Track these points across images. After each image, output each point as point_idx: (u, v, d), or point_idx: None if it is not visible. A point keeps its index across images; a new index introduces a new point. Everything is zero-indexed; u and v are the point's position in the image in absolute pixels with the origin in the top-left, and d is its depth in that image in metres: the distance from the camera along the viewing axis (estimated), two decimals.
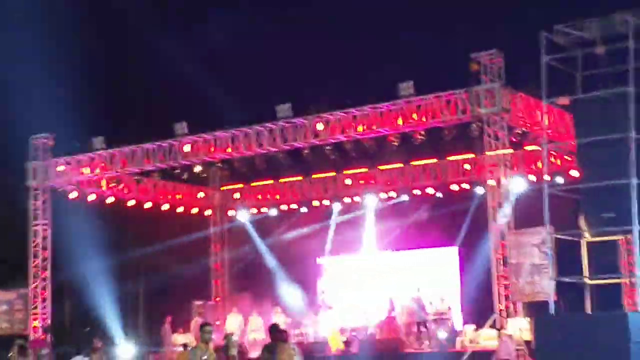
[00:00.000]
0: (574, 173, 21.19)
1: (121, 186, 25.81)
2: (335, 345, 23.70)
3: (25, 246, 25.01)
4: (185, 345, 21.78)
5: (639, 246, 18.14)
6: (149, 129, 24.57)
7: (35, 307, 24.56)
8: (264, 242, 29.14)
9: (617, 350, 15.41)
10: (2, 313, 24.88)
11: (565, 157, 22.55)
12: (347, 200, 27.57)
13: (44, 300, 24.74)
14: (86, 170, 24.63)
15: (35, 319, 24.29)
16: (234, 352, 11.83)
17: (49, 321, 24.47)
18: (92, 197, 25.48)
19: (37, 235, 24.95)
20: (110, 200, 25.91)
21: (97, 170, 24.56)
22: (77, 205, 25.54)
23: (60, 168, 24.76)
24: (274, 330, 12.46)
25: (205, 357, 11.02)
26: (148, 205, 26.95)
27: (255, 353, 20.57)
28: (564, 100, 19.27)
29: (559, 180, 22.39)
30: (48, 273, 24.90)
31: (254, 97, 27.75)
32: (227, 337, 12.00)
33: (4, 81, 29.51)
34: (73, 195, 25.10)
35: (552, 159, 22.73)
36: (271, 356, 11.84)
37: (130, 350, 24.04)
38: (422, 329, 23.15)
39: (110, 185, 25.47)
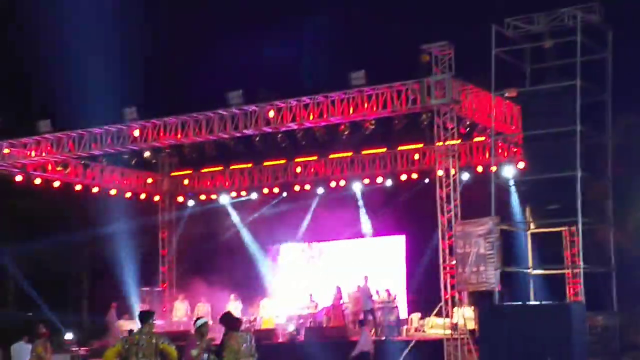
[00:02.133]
0: (521, 165, 21.53)
1: (68, 170, 25.44)
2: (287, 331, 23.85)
3: None
4: (130, 332, 21.57)
5: (581, 238, 18.59)
6: (98, 113, 24.27)
7: None
8: (215, 228, 29.07)
9: (560, 340, 15.76)
10: None
11: (513, 149, 22.88)
12: (297, 188, 27.61)
13: None
14: (32, 154, 24.22)
15: None
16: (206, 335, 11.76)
17: None
18: (37, 181, 25.08)
19: None
20: (56, 184, 25.51)
21: (44, 154, 24.16)
22: (22, 188, 25.14)
23: (6, 151, 24.31)
24: (225, 318, 12.43)
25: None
26: (95, 190, 26.62)
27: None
28: (512, 93, 19.60)
29: (506, 171, 22.75)
30: None
31: (206, 83, 27.58)
32: (198, 321, 11.89)
33: None
34: (18, 178, 24.68)
35: (500, 151, 23.05)
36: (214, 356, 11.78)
37: (74, 336, 23.78)
38: (369, 317, 23.33)
39: (57, 169, 25.08)
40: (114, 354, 11.06)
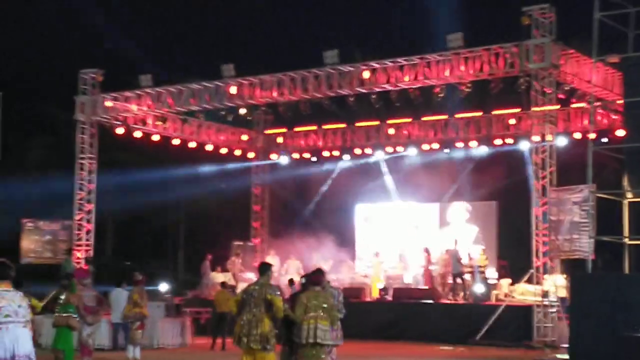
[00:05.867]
0: (620, 132, 20.97)
1: (167, 125, 26.06)
2: (375, 291, 24.05)
3: (72, 179, 25.49)
4: (223, 284, 22.22)
5: None
6: (196, 69, 24.76)
7: (79, 239, 25.14)
8: (305, 187, 29.38)
9: None
10: (45, 243, 25.52)
11: (612, 116, 22.28)
12: (389, 149, 27.60)
13: (87, 232, 25.30)
14: (133, 107, 24.89)
15: (78, 251, 24.88)
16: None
17: (91, 253, 25.05)
18: (138, 134, 25.79)
19: (84, 169, 25.39)
20: (155, 138, 26.20)
21: (145, 108, 24.82)
22: (123, 141, 25.91)
23: (108, 104, 25.03)
24: (308, 274, 12.73)
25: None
26: (192, 145, 27.22)
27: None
28: (614, 59, 19.02)
29: (605, 139, 22.18)
30: (92, 206, 25.38)
31: (302, 43, 27.75)
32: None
33: (54, 16, 29.90)
34: (119, 131, 25.43)
35: (599, 118, 22.49)
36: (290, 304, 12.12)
37: (169, 286, 24.58)
38: (458, 280, 23.32)
39: (156, 123, 25.74)
40: (235, 303, 11.69)
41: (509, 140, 25.41)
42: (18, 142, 29.67)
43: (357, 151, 28.05)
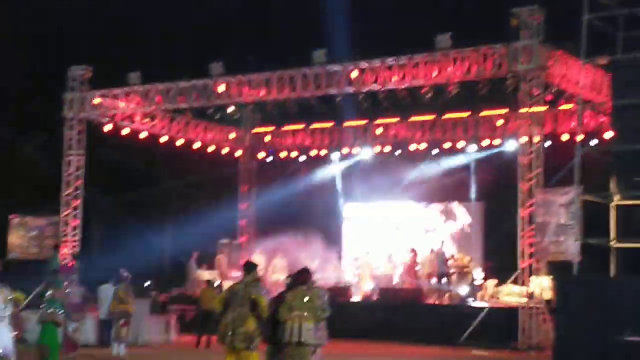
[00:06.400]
0: (608, 135, 21.03)
1: (155, 122, 26.01)
2: (362, 291, 24.05)
3: (59, 175, 25.44)
4: (209, 282, 22.20)
5: None
6: (185, 67, 24.69)
7: (65, 235, 25.06)
8: (292, 186, 29.34)
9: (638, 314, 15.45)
10: (32, 238, 25.42)
11: (600, 118, 22.35)
12: (377, 149, 27.60)
13: (74, 228, 25.23)
14: (121, 104, 24.84)
15: (65, 247, 24.80)
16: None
17: (77, 249, 24.97)
18: (126, 131, 25.72)
19: (71, 165, 25.33)
20: (143, 135, 26.15)
21: (132, 105, 24.76)
22: (111, 138, 25.84)
23: (97, 100, 24.98)
24: (294, 273, 12.71)
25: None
26: (180, 142, 27.16)
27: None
28: (603, 60, 19.07)
29: (592, 141, 22.24)
30: (79, 202, 25.33)
31: (290, 42, 27.67)
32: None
33: (44, 12, 29.75)
34: (107, 128, 25.37)
35: (587, 120, 22.55)
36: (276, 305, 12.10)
37: (154, 283, 24.51)
38: (443, 281, 23.34)
39: (144, 121, 25.69)
40: (220, 301, 11.67)
41: (497, 141, 25.47)
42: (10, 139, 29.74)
43: (345, 150, 28.07)
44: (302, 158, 28.94)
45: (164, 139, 26.75)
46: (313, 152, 28.72)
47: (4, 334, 8.22)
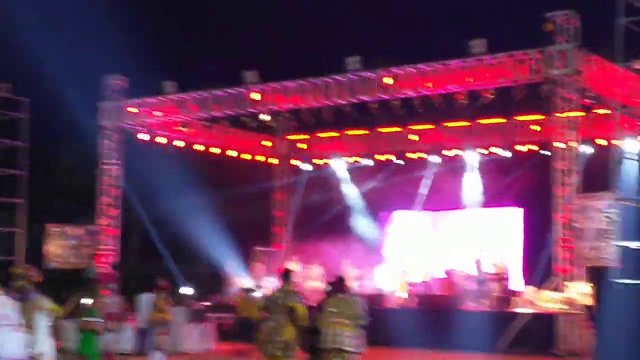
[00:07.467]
0: None
1: (190, 131, 26.20)
2: (400, 299, 23.97)
3: (96, 185, 25.70)
4: (246, 290, 22.26)
5: None
6: (219, 76, 24.88)
7: (104, 244, 25.32)
8: (330, 193, 29.34)
9: None
10: (70, 248, 25.71)
11: (638, 122, 22.07)
12: (411, 155, 27.53)
13: (112, 237, 25.47)
14: (157, 113, 25.06)
15: (103, 256, 25.05)
16: None
17: (116, 258, 25.20)
18: (161, 140, 25.94)
19: (108, 174, 25.59)
20: (179, 143, 26.34)
21: (168, 114, 24.97)
22: (147, 147, 26.08)
23: (132, 110, 25.24)
24: (332, 281, 12.75)
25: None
26: (215, 150, 27.32)
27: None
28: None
29: (630, 145, 21.98)
30: (118, 211, 25.58)
31: (324, 49, 27.77)
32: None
33: (79, 22, 30.13)
34: (144, 137, 25.60)
35: (624, 125, 22.30)
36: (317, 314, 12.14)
37: (192, 291, 24.64)
38: (481, 287, 23.19)
39: (176, 128, 25.88)
40: (259, 309, 11.78)
41: (533, 147, 25.27)
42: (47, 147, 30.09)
43: (380, 157, 28.01)
44: (338, 165, 28.94)
45: (199, 147, 26.92)
46: (348, 159, 28.70)
47: (15, 344, 8.36)
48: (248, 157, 28.65)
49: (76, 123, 28.72)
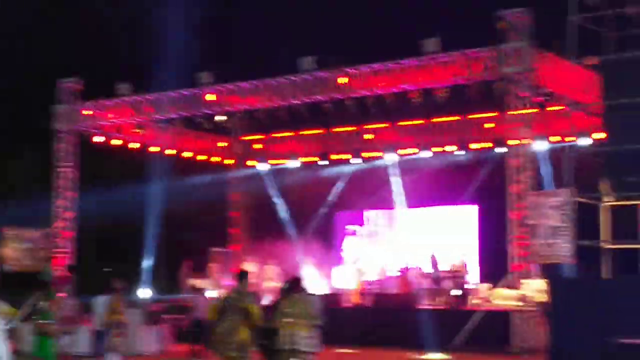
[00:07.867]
0: (598, 135, 21.04)
1: (145, 132, 25.98)
2: (355, 297, 23.98)
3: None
4: (201, 291, 22.07)
5: None
6: (173, 77, 24.67)
7: (59, 247, 25.03)
8: (283, 193, 29.29)
9: (635, 314, 15.44)
10: (26, 251, 25.37)
11: (591, 119, 22.36)
12: (366, 155, 27.56)
13: (67, 240, 25.19)
14: (112, 116, 24.81)
15: (58, 258, 24.75)
16: None
17: (71, 260, 24.93)
18: (116, 142, 25.69)
19: (63, 177, 25.30)
20: (134, 145, 26.07)
21: (123, 116, 24.73)
22: (101, 149, 25.82)
23: (87, 112, 24.99)
24: (288, 280, 12.70)
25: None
26: (171, 152, 27.11)
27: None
28: (593, 61, 19.07)
29: (583, 142, 22.26)
30: (73, 214, 25.31)
31: (278, 49, 27.71)
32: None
33: (30, 27, 29.71)
34: (98, 139, 25.34)
35: (577, 121, 22.57)
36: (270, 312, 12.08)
37: (148, 293, 24.43)
38: (435, 285, 23.30)
39: (134, 131, 25.65)
40: (215, 309, 11.65)
41: (487, 144, 25.43)
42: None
43: (335, 157, 28.00)
44: (293, 165, 28.88)
45: (154, 149, 26.70)
46: (303, 159, 28.67)
47: (1, 347, 8.24)
48: (204, 158, 28.44)
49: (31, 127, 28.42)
